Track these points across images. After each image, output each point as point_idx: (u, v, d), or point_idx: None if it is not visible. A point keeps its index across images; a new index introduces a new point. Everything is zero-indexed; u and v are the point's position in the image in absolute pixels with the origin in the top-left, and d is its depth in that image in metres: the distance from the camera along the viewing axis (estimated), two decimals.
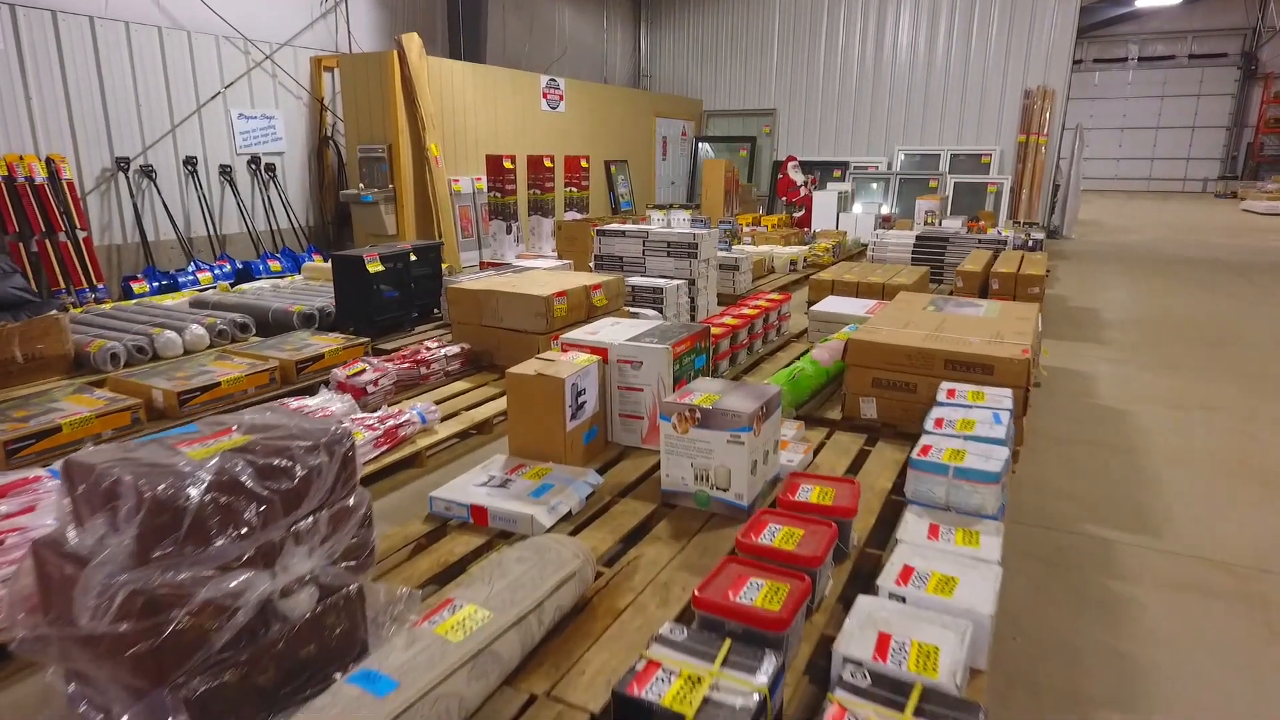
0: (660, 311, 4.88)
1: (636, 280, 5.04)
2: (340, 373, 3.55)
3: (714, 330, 3.96)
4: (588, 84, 10.92)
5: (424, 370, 3.83)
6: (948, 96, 12.02)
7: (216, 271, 6.82)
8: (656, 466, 2.70)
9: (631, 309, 4.77)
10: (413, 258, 5.10)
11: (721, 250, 6.87)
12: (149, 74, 6.63)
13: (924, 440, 2.38)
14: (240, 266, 7.06)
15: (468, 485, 2.51)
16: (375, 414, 3.15)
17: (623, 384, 2.97)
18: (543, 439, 2.74)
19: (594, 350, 2.98)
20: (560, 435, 2.71)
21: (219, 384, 3.49)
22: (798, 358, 4.33)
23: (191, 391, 3.38)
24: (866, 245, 10.08)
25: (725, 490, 2.41)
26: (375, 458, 2.91)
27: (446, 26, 9.77)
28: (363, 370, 3.58)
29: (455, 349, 4.03)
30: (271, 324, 4.92)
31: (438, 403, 3.64)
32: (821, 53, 12.77)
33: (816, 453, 2.97)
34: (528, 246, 8.58)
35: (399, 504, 2.80)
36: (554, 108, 9.98)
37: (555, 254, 7.44)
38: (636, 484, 2.72)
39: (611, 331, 3.10)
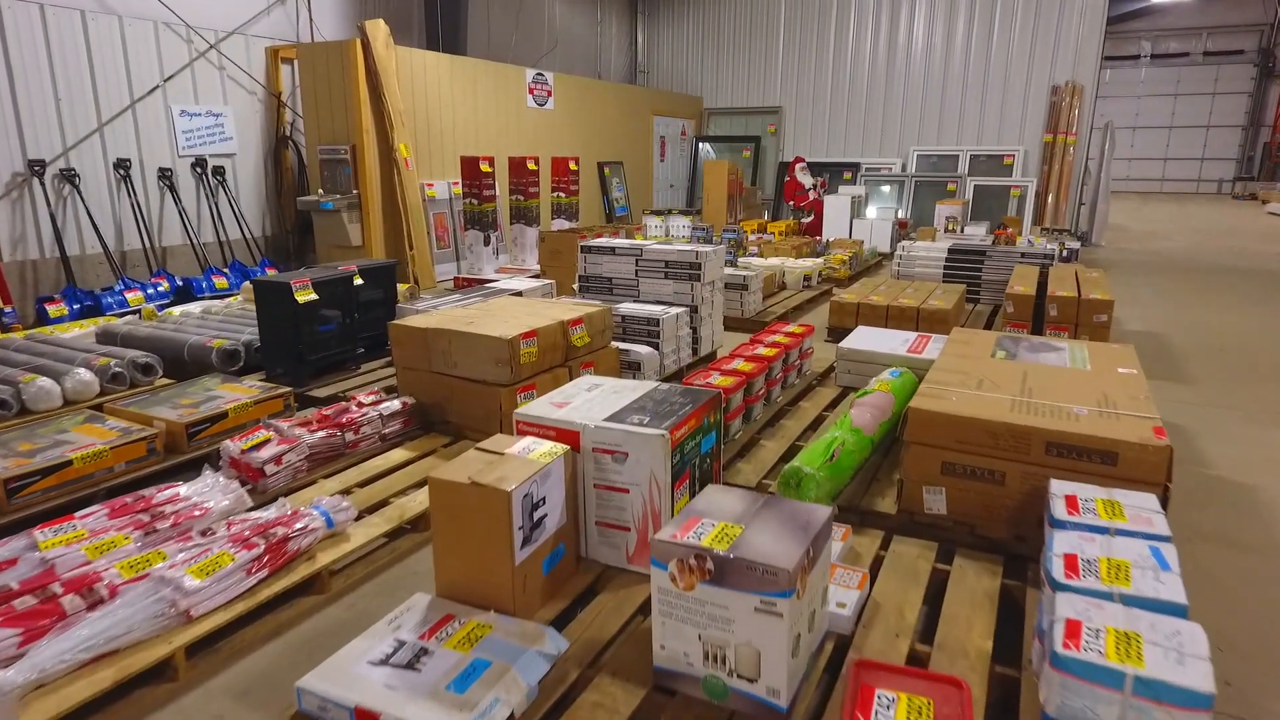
0: (657, 347, 4.02)
1: (628, 308, 4.19)
2: (233, 445, 2.69)
3: (724, 382, 3.11)
4: (579, 79, 10.07)
5: (351, 436, 2.97)
6: (967, 93, 11.17)
7: (150, 290, 5.96)
8: (649, 604, 1.86)
9: (621, 346, 3.91)
10: (358, 281, 4.24)
11: (725, 262, 6.03)
12: (71, 65, 5.76)
13: (1062, 606, 1.52)
14: (180, 284, 6.20)
15: (358, 663, 1.66)
16: (264, 513, 2.29)
17: (601, 482, 2.12)
18: (482, 575, 1.89)
19: (560, 434, 2.12)
20: (506, 570, 1.85)
21: (69, 463, 2.64)
22: (827, 408, 3.49)
23: (27, 477, 2.53)
24: (883, 255, 9.26)
25: (752, 680, 1.55)
26: (250, 589, 2.05)
27: (423, 15, 8.91)
28: (265, 441, 2.72)
29: (395, 404, 3.18)
30: (188, 362, 4.07)
31: (366, 481, 2.78)
32: (830, 46, 11.92)
33: (873, 581, 2.12)
34: (512, 259, 7.73)
35: (274, 664, 1.95)
36: (541, 105, 9.12)
37: (540, 268, 6.59)
38: (619, 636, 1.87)
39: (588, 402, 2.25)
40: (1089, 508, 1.92)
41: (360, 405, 3.13)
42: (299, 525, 2.22)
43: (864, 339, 4.00)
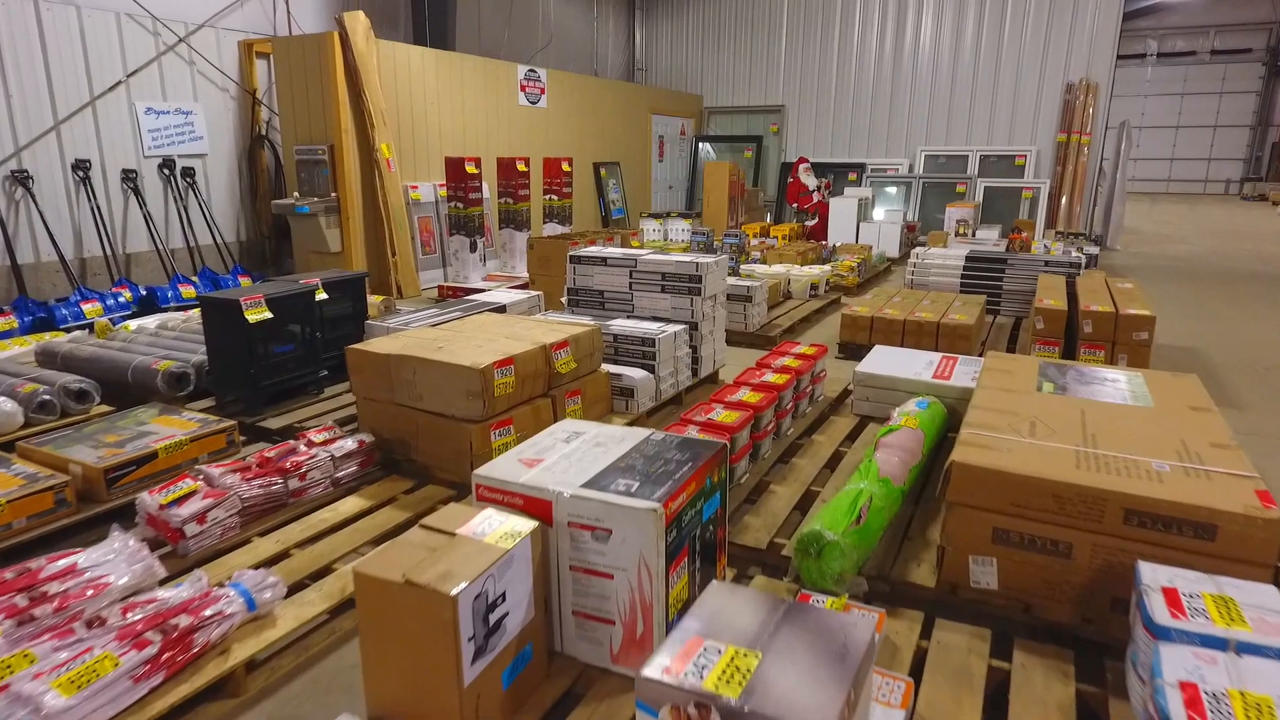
0: (652, 370, 3.61)
1: (621, 326, 3.78)
2: (150, 499, 2.28)
3: (728, 418, 2.70)
4: (574, 76, 9.65)
5: (296, 483, 2.56)
6: (977, 91, 10.77)
7: (110, 301, 5.54)
8: None
9: (613, 370, 3.50)
10: (322, 295, 3.83)
11: (729, 269, 5.59)
12: (23, 57, 5.35)
13: None
14: (144, 294, 5.78)
15: None
16: (171, 593, 1.88)
17: (580, 564, 1.71)
18: (422, 698, 1.48)
19: (529, 504, 1.72)
20: (452, 693, 1.44)
21: None
22: (844, 442, 3.08)
23: None
24: (891, 260, 8.85)
25: None
26: (141, 701, 1.64)
27: (410, 10, 8.49)
28: (189, 493, 2.31)
29: (350, 444, 2.76)
30: (132, 386, 3.66)
31: (309, 540, 2.37)
32: (835, 42, 11.51)
33: (917, 686, 1.71)
34: (501, 265, 7.32)
35: None
36: (534, 102, 8.71)
37: (529, 276, 6.19)
38: None
39: (565, 458, 1.85)
40: (1197, 607, 1.51)
41: (310, 444, 2.72)
42: (210, 612, 1.81)
43: (882, 361, 3.59)
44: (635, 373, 3.51)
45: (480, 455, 2.75)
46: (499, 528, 1.61)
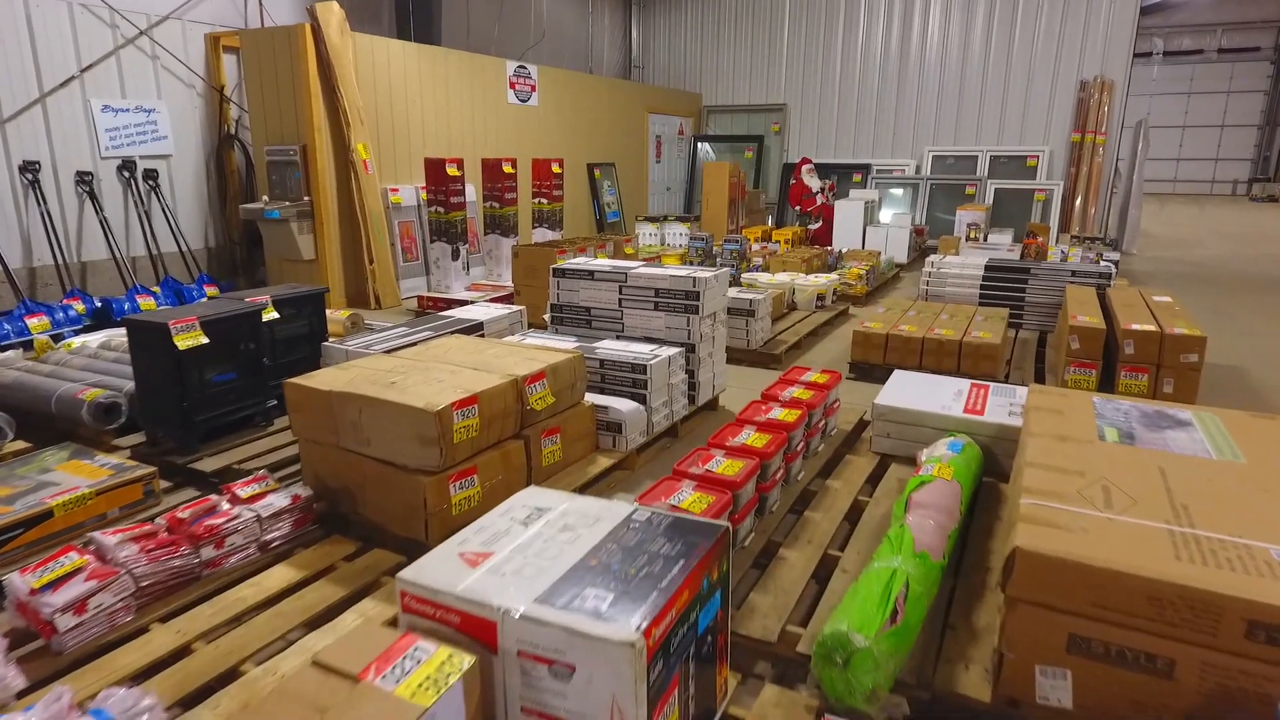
0: (644, 400, 3.19)
1: (608, 349, 3.36)
2: (21, 581, 1.85)
3: (729, 470, 2.27)
4: (567, 73, 9.22)
5: (212, 551, 2.13)
6: (987, 89, 10.34)
7: (60, 315, 5.12)
8: None
9: (598, 401, 3.07)
10: (271, 315, 3.41)
11: (730, 279, 5.11)
12: None
13: None
14: (99, 305, 5.35)
15: None
16: (19, 718, 1.46)
17: (534, 705, 1.29)
18: None
19: (467, 623, 1.29)
20: None
21: None
22: (864, 489, 2.65)
23: None
24: (900, 266, 8.42)
25: None
26: None
27: (393, 3, 8.06)
28: (72, 572, 1.89)
29: (281, 499, 2.33)
30: (56, 418, 3.24)
31: (218, 629, 1.95)
32: (839, 38, 11.09)
33: None
34: (487, 273, 6.89)
35: None
36: (524, 100, 8.28)
37: (514, 286, 5.76)
38: None
39: (519, 551, 1.42)
40: None
41: (235, 500, 2.29)
42: None
43: (904, 391, 3.16)
44: (624, 404, 3.09)
45: (436, 513, 2.32)
46: (421, 667, 1.18)
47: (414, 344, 3.44)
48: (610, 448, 3.08)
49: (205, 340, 2.96)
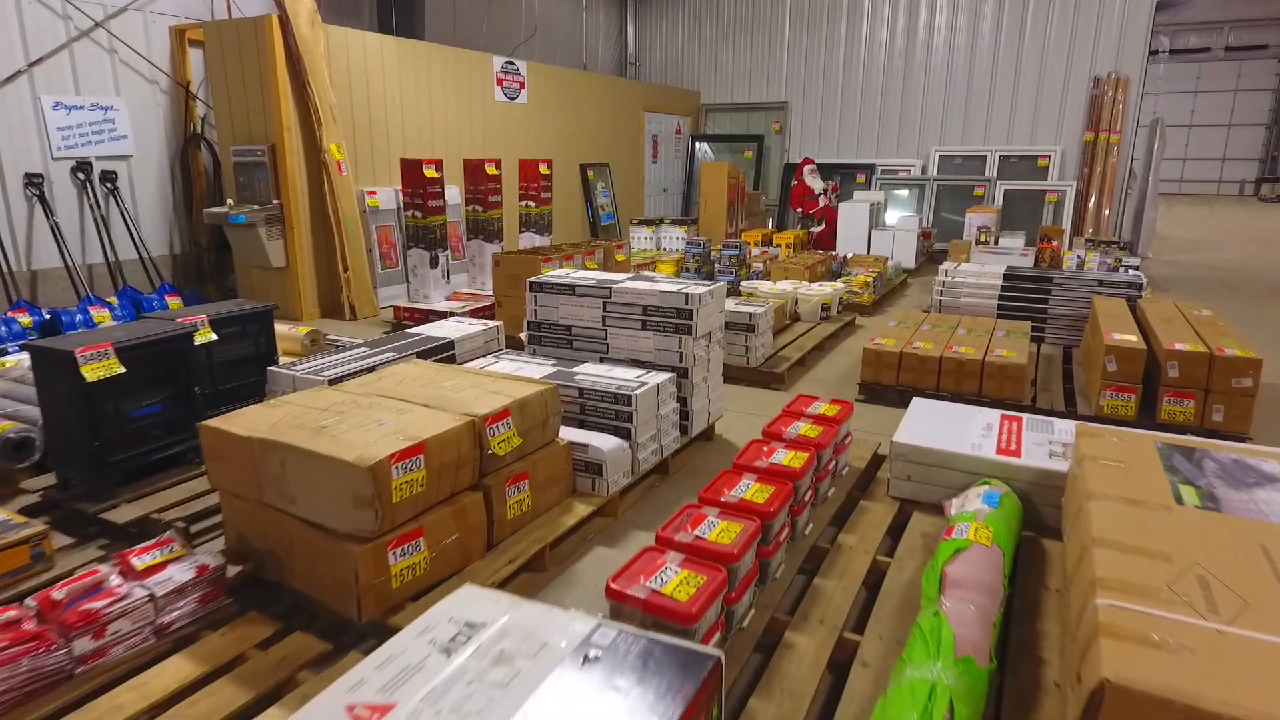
0: (628, 435, 2.79)
1: (589, 375, 2.96)
2: None
3: (729, 535, 1.88)
4: (558, 69, 8.82)
5: (89, 644, 1.74)
6: (996, 86, 9.95)
7: (2, 329, 4.72)
8: None
9: (575, 439, 2.68)
10: (207, 337, 3.01)
11: (728, 286, 4.66)
12: None
13: None
14: (47, 318, 4.96)
15: None
16: None
17: None
18: None
19: None
20: None
21: None
22: (884, 547, 2.26)
23: None
24: (908, 272, 8.04)
25: None
26: None
27: None
28: None
29: (184, 572, 1.94)
30: None
31: None
32: (842, 34, 10.69)
33: None
34: (471, 281, 6.49)
35: None
36: (512, 98, 7.88)
37: (495, 297, 5.36)
38: None
39: (433, 697, 1.03)
40: None
41: (127, 573, 1.90)
42: None
43: (925, 425, 2.76)
44: (605, 441, 2.69)
45: (372, 587, 1.93)
46: None
47: (372, 368, 3.06)
48: (589, 491, 2.69)
49: (121, 370, 2.57)
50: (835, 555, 2.27)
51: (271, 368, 3.06)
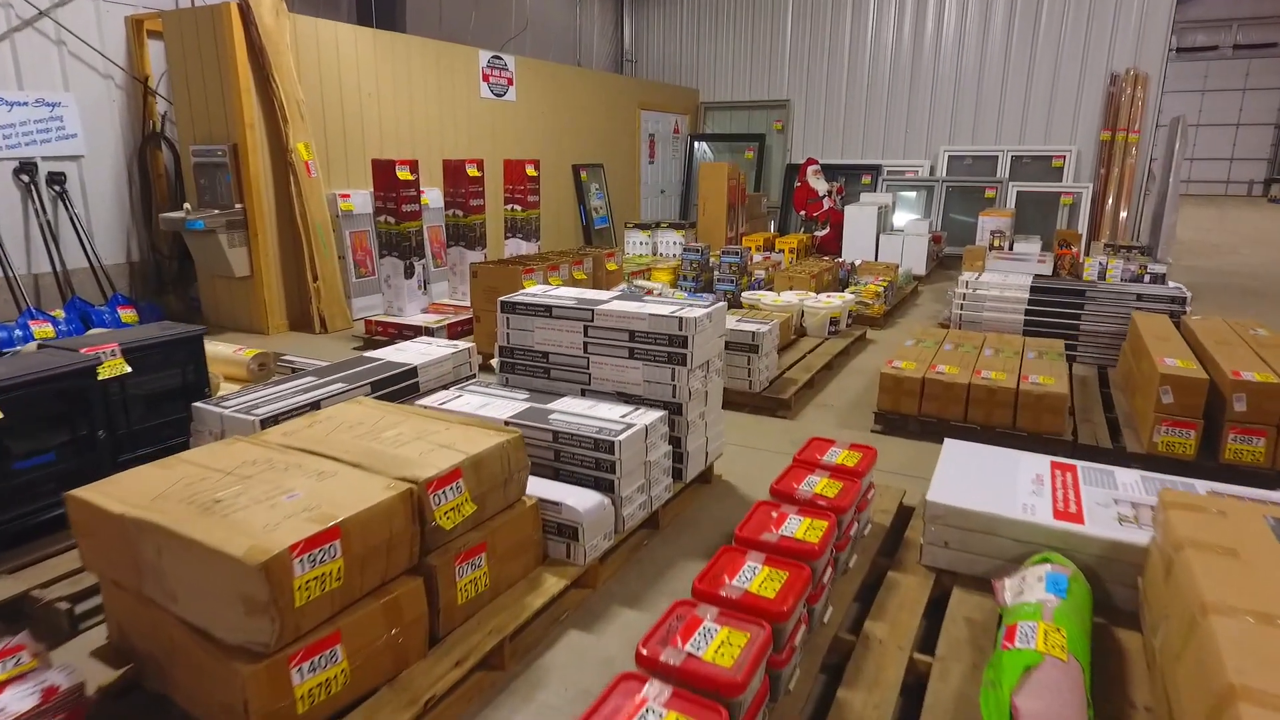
0: (610, 488, 2.35)
1: (564, 416, 2.52)
2: None
3: (733, 649, 1.44)
4: (549, 65, 8.38)
5: None
6: (1008, 83, 9.50)
7: None
8: None
9: (546, 496, 2.24)
10: (117, 370, 2.57)
11: (727, 295, 4.17)
12: None
13: None
14: None
15: None
16: None
17: None
18: None
19: None
20: None
21: None
22: (922, 641, 1.82)
23: None
24: (918, 279, 7.60)
25: None
26: None
27: None
28: None
29: (27, 698, 1.50)
30: None
31: None
32: (846, 30, 10.24)
33: None
34: (452, 290, 6.05)
35: None
36: (500, 95, 7.44)
37: (474, 312, 4.91)
38: None
39: None
40: None
41: None
42: None
43: (961, 476, 2.32)
44: (582, 499, 2.25)
45: (267, 717, 1.48)
46: None
47: (317, 403, 2.62)
48: (563, 558, 2.25)
49: None
50: (863, 653, 1.83)
51: (197, 404, 2.61)
